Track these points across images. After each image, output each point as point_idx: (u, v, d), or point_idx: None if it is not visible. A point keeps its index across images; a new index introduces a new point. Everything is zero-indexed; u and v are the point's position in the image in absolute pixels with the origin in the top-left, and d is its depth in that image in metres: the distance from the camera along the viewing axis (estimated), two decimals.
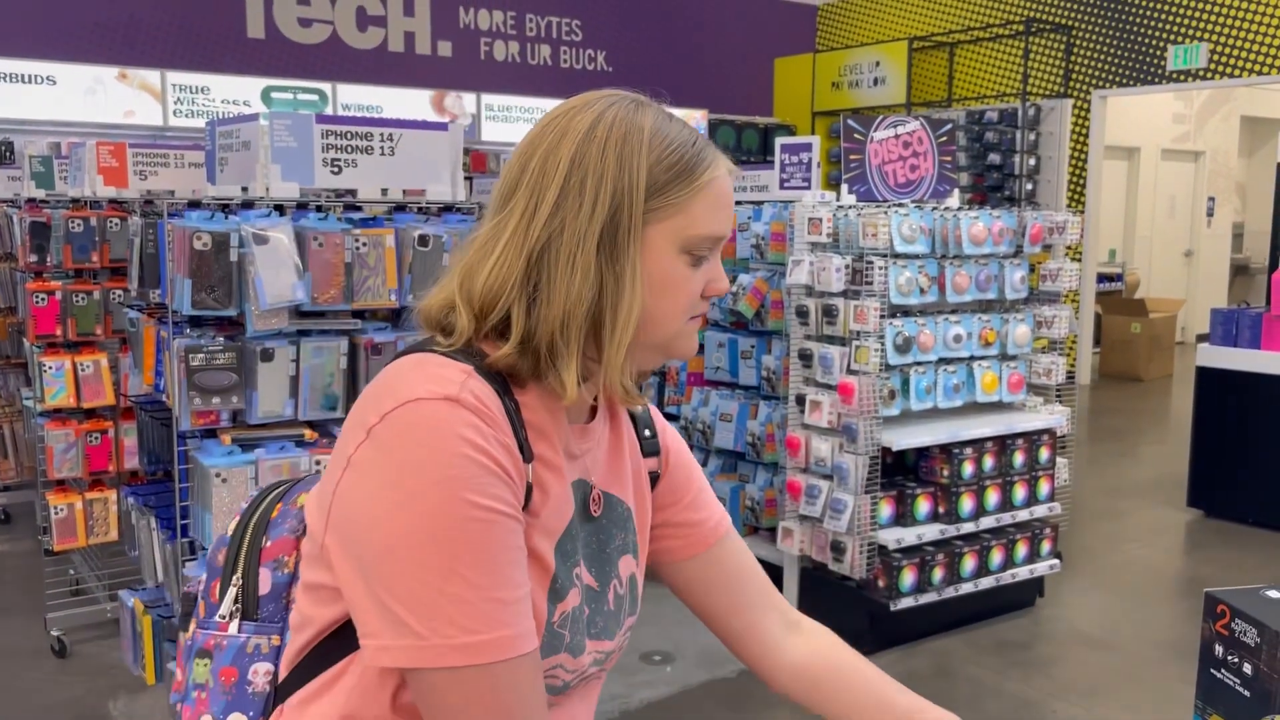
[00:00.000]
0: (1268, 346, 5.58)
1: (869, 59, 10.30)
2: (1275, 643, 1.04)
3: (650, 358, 1.06)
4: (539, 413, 1.00)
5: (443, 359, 0.96)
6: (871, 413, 3.93)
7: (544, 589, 0.98)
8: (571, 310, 0.96)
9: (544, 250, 0.97)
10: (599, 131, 0.99)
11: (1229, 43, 8.48)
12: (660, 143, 1.00)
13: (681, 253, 1.01)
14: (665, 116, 1.04)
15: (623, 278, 0.98)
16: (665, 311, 1.02)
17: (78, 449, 3.98)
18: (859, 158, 4.16)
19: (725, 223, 1.04)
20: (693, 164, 1.01)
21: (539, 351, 0.97)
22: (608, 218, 0.97)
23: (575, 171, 0.98)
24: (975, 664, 3.98)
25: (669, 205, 0.99)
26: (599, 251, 0.97)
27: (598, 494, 1.08)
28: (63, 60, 7.01)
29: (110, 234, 4.13)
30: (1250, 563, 5.16)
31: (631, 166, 0.98)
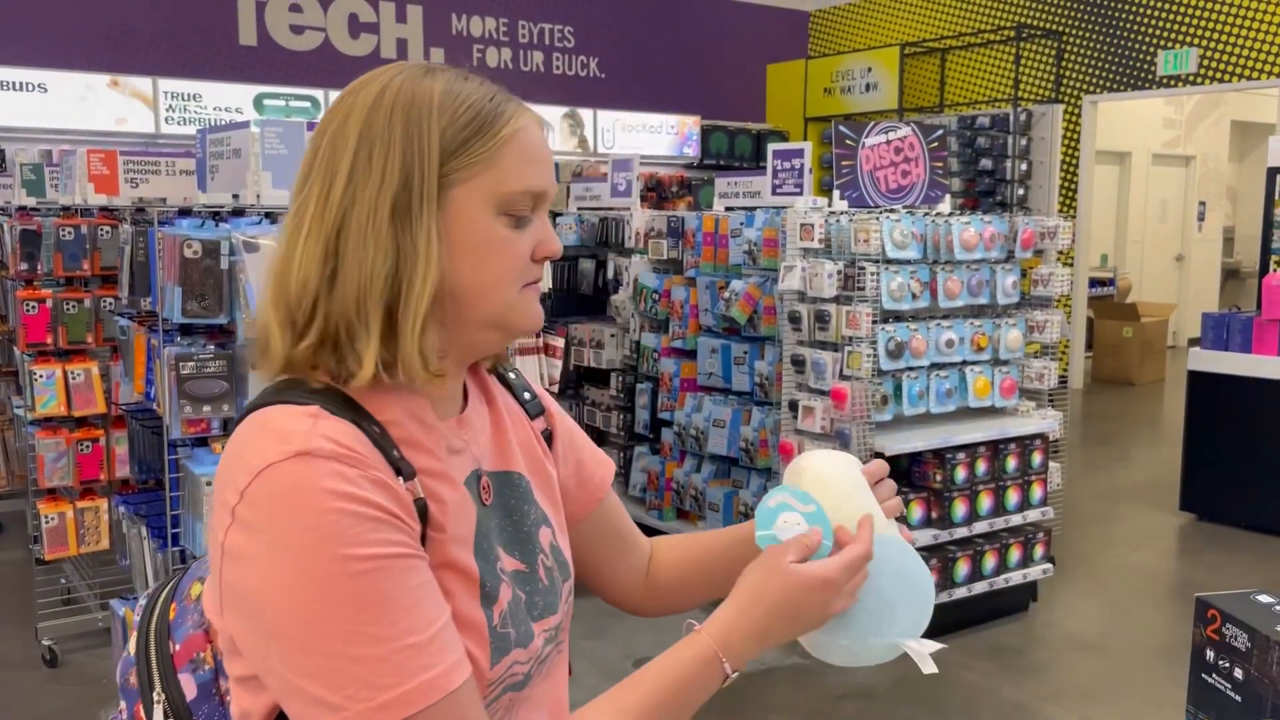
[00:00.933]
0: (1259, 350, 5.60)
1: (861, 65, 10.32)
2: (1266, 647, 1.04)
3: (489, 337, 1.00)
4: (407, 425, 0.95)
5: (285, 409, 0.90)
6: (864, 418, 3.93)
7: (475, 598, 0.94)
8: (367, 286, 0.91)
9: (340, 229, 0.92)
10: (385, 100, 0.94)
11: (1219, 48, 8.51)
12: (453, 102, 0.95)
13: (499, 214, 0.95)
14: (459, 77, 0.98)
15: (418, 245, 0.92)
16: (490, 278, 0.96)
17: (69, 458, 3.97)
18: (851, 163, 4.17)
19: (542, 176, 0.99)
20: (492, 117, 0.96)
21: (339, 338, 0.92)
22: (399, 185, 0.92)
23: (363, 144, 0.93)
24: (969, 668, 3.98)
25: (473, 163, 0.94)
26: (393, 221, 0.91)
27: (485, 481, 1.03)
28: (54, 68, 7.00)
29: (101, 242, 4.12)
30: (1242, 566, 5.17)
31: (421, 129, 0.93)
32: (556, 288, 5.72)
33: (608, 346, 5.48)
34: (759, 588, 1.01)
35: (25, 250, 4.17)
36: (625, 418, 5.45)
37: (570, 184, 6.34)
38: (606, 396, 5.59)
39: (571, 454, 1.20)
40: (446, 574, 0.93)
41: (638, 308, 5.28)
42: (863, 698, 3.68)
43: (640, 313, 5.28)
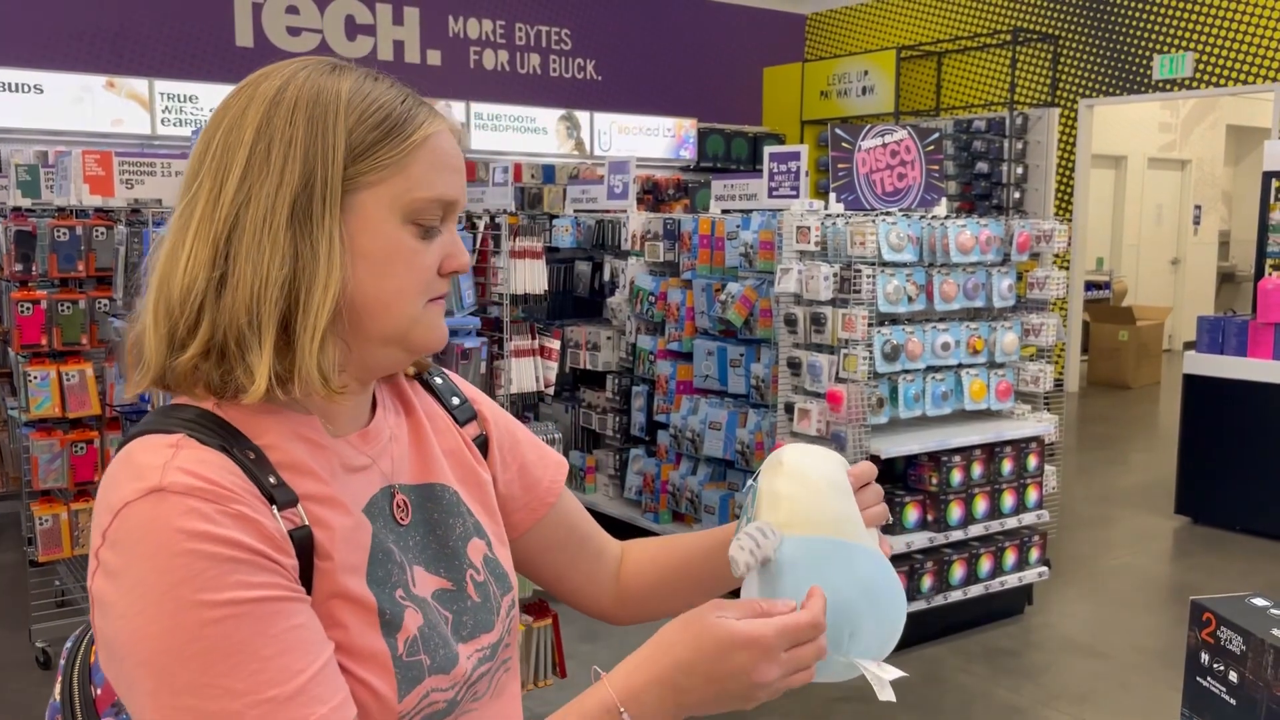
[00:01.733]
0: (1254, 354, 5.60)
1: (857, 68, 10.33)
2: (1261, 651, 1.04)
3: (389, 354, 0.93)
4: (290, 448, 0.87)
5: (149, 440, 0.83)
6: (860, 421, 3.93)
7: (374, 627, 0.88)
8: (261, 292, 0.84)
9: (232, 231, 0.85)
10: (287, 95, 0.88)
11: (1215, 52, 8.53)
12: (361, 101, 0.89)
13: (406, 222, 0.89)
14: (368, 77, 0.92)
15: (318, 250, 0.85)
16: (393, 291, 0.89)
17: (63, 459, 3.96)
18: (847, 166, 4.17)
19: (453, 185, 0.92)
20: (404, 120, 0.90)
21: (227, 348, 0.84)
22: (300, 185, 0.85)
23: (261, 140, 0.86)
24: (964, 672, 3.98)
25: (381, 167, 0.88)
26: (291, 224, 0.85)
27: (401, 499, 0.96)
28: (50, 69, 6.99)
29: (96, 243, 4.11)
30: (1237, 569, 5.18)
31: (326, 127, 0.87)
32: (553, 290, 5.72)
33: (604, 349, 5.47)
34: (672, 636, 0.87)
35: (20, 251, 4.16)
36: (621, 420, 5.45)
37: (567, 186, 6.34)
38: (603, 399, 5.58)
39: (513, 459, 1.13)
40: (338, 605, 0.86)
41: (634, 310, 5.28)
42: (859, 701, 3.67)
43: (636, 315, 5.28)
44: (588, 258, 5.83)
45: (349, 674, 0.85)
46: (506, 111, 8.86)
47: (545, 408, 5.83)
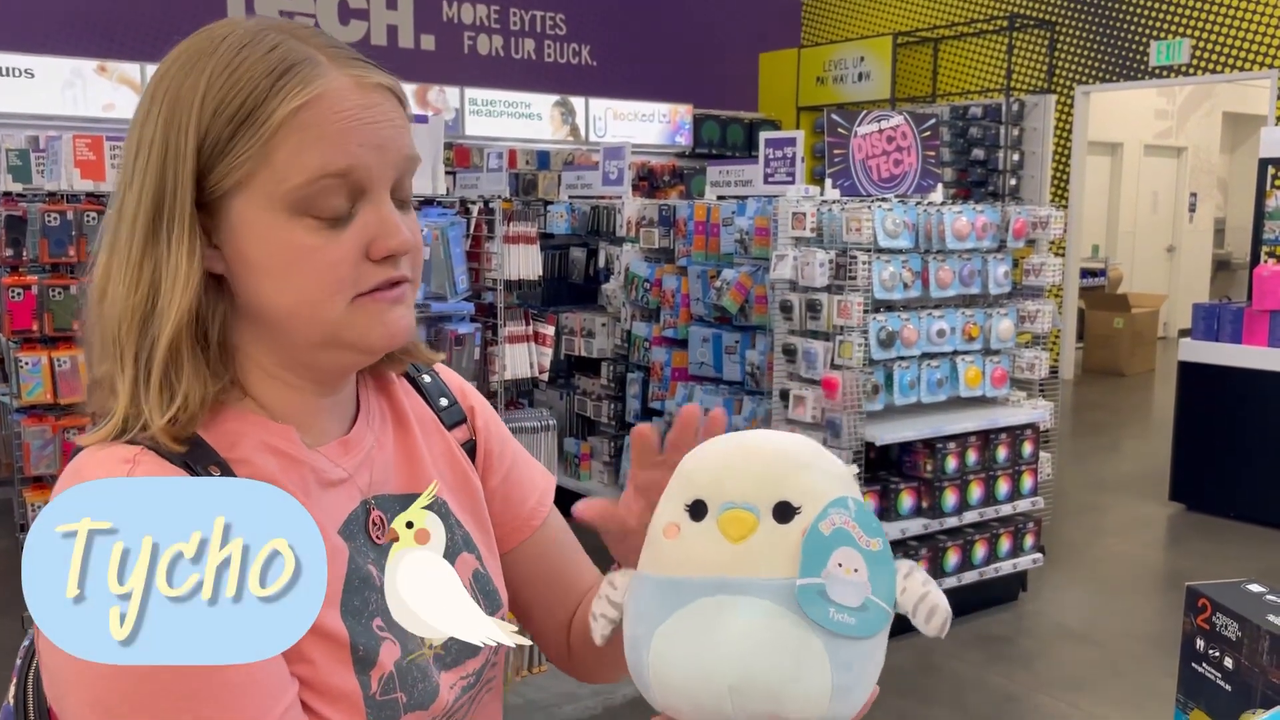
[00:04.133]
0: (1249, 341, 5.61)
1: (853, 54, 10.30)
2: (1256, 637, 1.03)
3: (335, 356, 0.82)
4: (261, 462, 0.79)
5: (105, 452, 0.76)
6: (855, 407, 3.93)
7: (346, 664, 0.79)
8: (120, 319, 0.77)
9: (112, 244, 0.79)
10: (160, 88, 0.78)
11: (1212, 39, 8.51)
12: (221, 88, 0.76)
13: (297, 216, 0.76)
14: (248, 45, 0.77)
15: (164, 271, 0.76)
16: (295, 298, 0.77)
17: (55, 446, 3.94)
18: (843, 152, 4.15)
19: (346, 151, 0.76)
20: (262, 98, 0.75)
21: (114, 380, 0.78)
22: (155, 198, 0.76)
23: (132, 141, 0.79)
24: (958, 658, 3.99)
25: (240, 164, 0.75)
26: (145, 241, 0.76)
27: (377, 515, 0.86)
28: (41, 53, 6.95)
29: (87, 228, 4.09)
30: (1231, 556, 5.19)
31: (179, 128, 0.76)
32: (547, 276, 5.70)
33: (599, 335, 5.46)
34: None
35: (10, 236, 4.14)
36: (616, 407, 5.44)
37: (562, 172, 6.33)
38: (597, 386, 5.57)
39: (499, 469, 1.01)
40: (306, 639, 0.73)
41: (629, 296, 5.27)
42: None
43: (631, 301, 5.27)
44: (582, 244, 5.82)
45: (314, 714, 0.78)
46: (501, 97, 8.83)
47: (540, 394, 5.82)
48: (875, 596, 0.70)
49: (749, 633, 0.66)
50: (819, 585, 0.67)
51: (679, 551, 0.70)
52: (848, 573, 0.68)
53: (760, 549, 0.68)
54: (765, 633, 0.66)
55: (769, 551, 0.68)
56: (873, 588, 0.70)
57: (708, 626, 0.67)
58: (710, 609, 0.67)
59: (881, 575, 0.70)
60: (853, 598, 0.68)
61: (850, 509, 0.70)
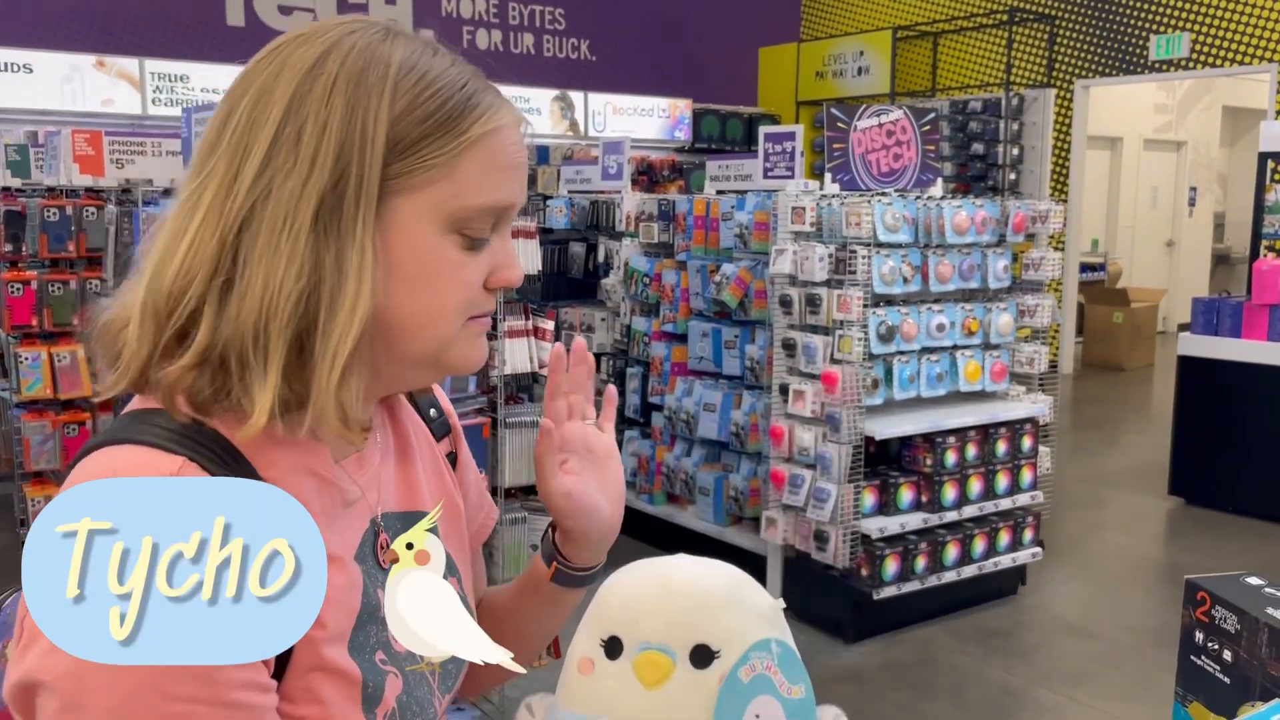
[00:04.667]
0: (1248, 335, 5.61)
1: (853, 48, 10.29)
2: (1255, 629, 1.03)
3: (419, 374, 0.82)
4: (298, 486, 0.75)
5: (144, 454, 0.70)
6: (855, 402, 3.93)
7: (355, 703, 0.76)
8: (272, 304, 0.71)
9: (244, 225, 0.72)
10: (328, 66, 0.74)
11: (1211, 33, 8.50)
12: (413, 83, 0.75)
13: (449, 232, 0.76)
14: (427, 50, 0.78)
15: (345, 262, 0.72)
16: (427, 311, 0.77)
17: (55, 441, 3.95)
18: (842, 147, 4.15)
19: (509, 188, 0.79)
20: (460, 111, 0.76)
21: (227, 363, 0.71)
22: (329, 182, 0.72)
23: (291, 120, 0.73)
24: (958, 652, 3.99)
25: (425, 168, 0.75)
26: (315, 226, 0.72)
27: (384, 539, 0.83)
28: (39, 48, 6.93)
29: (86, 223, 4.09)
30: (1230, 550, 5.19)
31: (366, 114, 0.73)
32: (546, 271, 5.70)
33: (598, 330, 5.46)
34: None
35: (10, 231, 4.14)
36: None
37: (561, 167, 6.32)
38: (597, 380, 5.57)
39: (465, 478, 1.02)
40: (319, 678, 0.74)
41: (628, 291, 5.26)
42: (851, 681, 3.69)
43: (631, 296, 5.27)
44: (582, 239, 5.81)
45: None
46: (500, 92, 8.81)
47: (539, 389, 5.82)
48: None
49: None
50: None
51: (592, 690, 0.68)
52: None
53: (675, 696, 0.64)
54: None
55: (684, 699, 0.64)
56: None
57: None
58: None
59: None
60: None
61: (773, 652, 0.67)
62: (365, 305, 0.73)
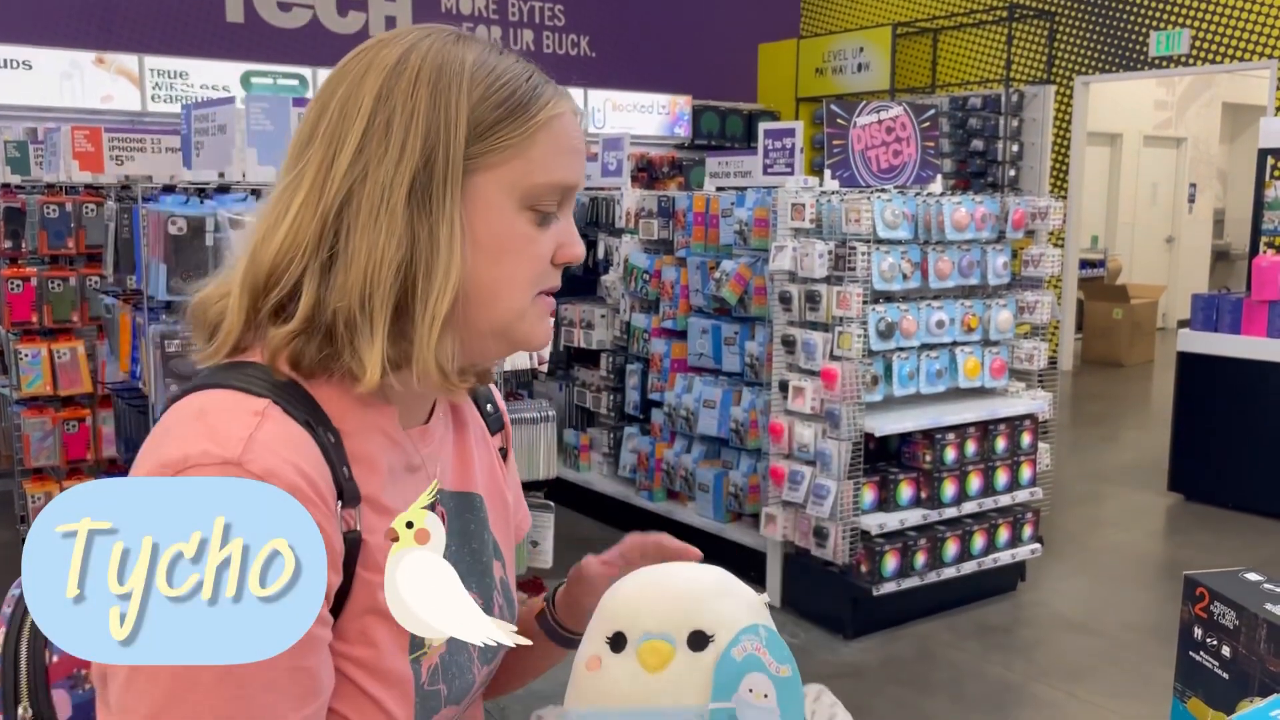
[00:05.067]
0: (1248, 331, 5.61)
1: (853, 45, 10.28)
2: (1254, 625, 1.04)
3: (490, 345, 0.88)
4: (368, 441, 0.83)
5: (231, 396, 0.77)
6: (854, 398, 3.93)
7: (404, 651, 0.82)
8: (375, 274, 0.79)
9: (343, 206, 0.81)
10: (410, 63, 0.83)
11: (1211, 29, 8.50)
12: (485, 76, 0.84)
13: (523, 208, 0.85)
14: (493, 49, 0.88)
15: (438, 234, 0.81)
16: (504, 281, 0.84)
17: (55, 437, 3.95)
18: (842, 143, 4.15)
19: (574, 169, 0.88)
20: (528, 98, 0.85)
21: (333, 329, 0.80)
22: (420, 163, 0.81)
23: (380, 110, 0.82)
24: (957, 648, 4.00)
25: (501, 148, 0.83)
26: (409, 203, 0.80)
27: (441, 512, 0.89)
28: (39, 44, 6.92)
29: (86, 219, 4.08)
30: (1229, 546, 5.20)
31: (448, 102, 0.82)
32: None
33: (598, 327, 5.46)
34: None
35: (9, 228, 4.14)
36: (615, 398, 5.45)
37: None
38: (596, 377, 5.57)
39: (511, 474, 1.08)
40: (374, 622, 0.80)
41: (628, 288, 5.26)
42: (851, 677, 3.69)
43: (630, 293, 5.27)
44: (582, 235, 5.80)
45: (369, 697, 0.80)
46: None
47: (539, 385, 5.82)
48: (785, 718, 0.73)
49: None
50: (730, 710, 0.70)
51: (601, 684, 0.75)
52: (757, 698, 0.72)
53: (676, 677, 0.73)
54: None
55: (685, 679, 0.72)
56: (782, 712, 0.73)
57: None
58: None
59: (791, 700, 0.74)
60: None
61: (761, 636, 0.74)
62: (458, 271, 0.82)
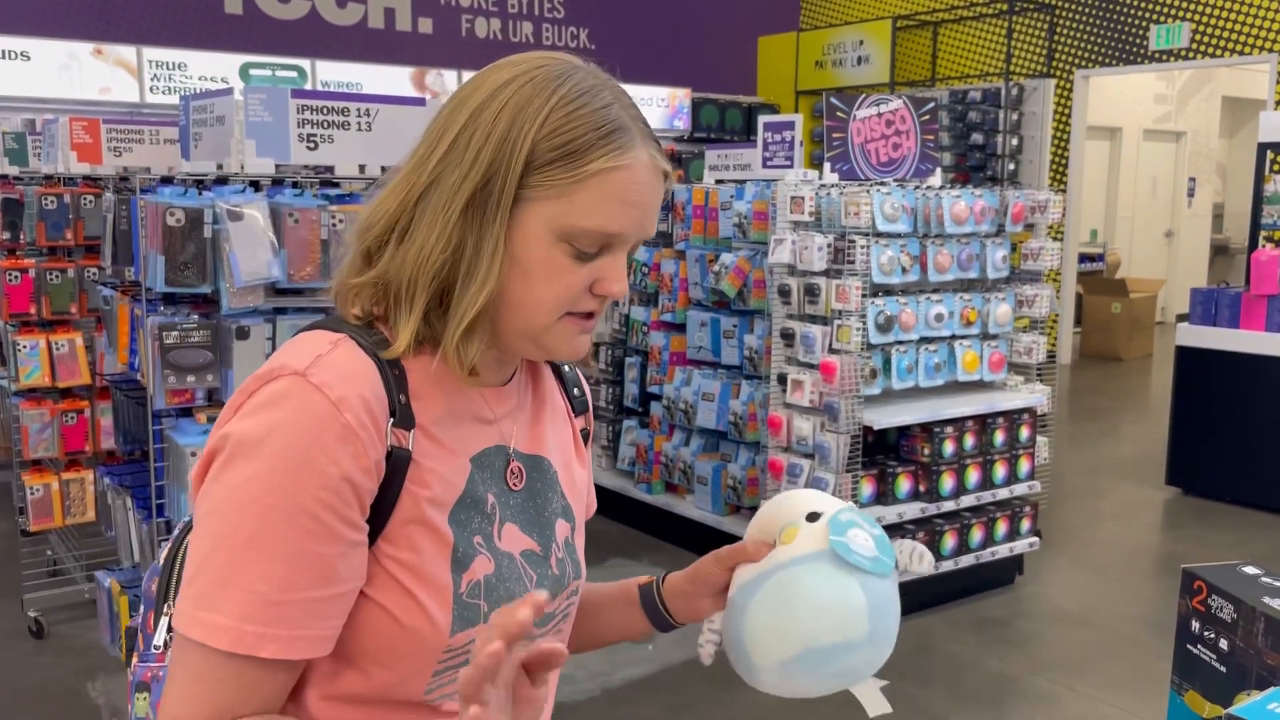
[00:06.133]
0: (1246, 326, 5.61)
1: (853, 38, 10.26)
2: (1251, 618, 1.04)
3: (524, 347, 0.99)
4: (430, 382, 0.96)
5: (319, 332, 0.95)
6: (853, 392, 3.93)
7: (445, 560, 0.95)
8: (422, 265, 0.93)
9: (421, 196, 0.94)
10: (506, 90, 0.93)
11: (1211, 23, 8.48)
12: (562, 115, 0.92)
13: (559, 241, 0.93)
14: (594, 89, 0.95)
15: (481, 248, 0.92)
16: (530, 299, 0.95)
17: (53, 429, 3.94)
18: (841, 136, 4.14)
19: (620, 220, 0.94)
20: (588, 147, 0.92)
21: (389, 294, 0.95)
22: (481, 181, 0.92)
23: (470, 126, 0.93)
24: (955, 641, 4.01)
25: (549, 185, 0.92)
26: (465, 213, 0.92)
27: (516, 466, 1.04)
28: (37, 35, 6.90)
29: (84, 211, 4.07)
30: (1226, 540, 5.21)
31: (519, 134, 0.91)
32: None
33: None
34: None
35: (7, 219, 4.12)
36: (614, 391, 5.45)
37: None
38: (596, 370, 5.57)
39: (588, 457, 1.21)
40: (418, 530, 0.94)
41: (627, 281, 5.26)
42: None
43: (629, 286, 5.26)
44: None
45: (412, 597, 0.92)
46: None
47: None
48: (882, 555, 1.04)
49: (812, 582, 1.02)
50: (844, 542, 1.02)
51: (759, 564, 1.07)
52: (861, 541, 1.03)
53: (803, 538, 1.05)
54: (815, 575, 1.02)
55: (808, 537, 1.04)
56: (879, 550, 1.04)
57: (785, 584, 1.03)
58: (785, 577, 1.03)
59: (884, 545, 1.05)
60: (868, 551, 1.03)
61: (855, 512, 1.07)
62: (492, 285, 0.93)
